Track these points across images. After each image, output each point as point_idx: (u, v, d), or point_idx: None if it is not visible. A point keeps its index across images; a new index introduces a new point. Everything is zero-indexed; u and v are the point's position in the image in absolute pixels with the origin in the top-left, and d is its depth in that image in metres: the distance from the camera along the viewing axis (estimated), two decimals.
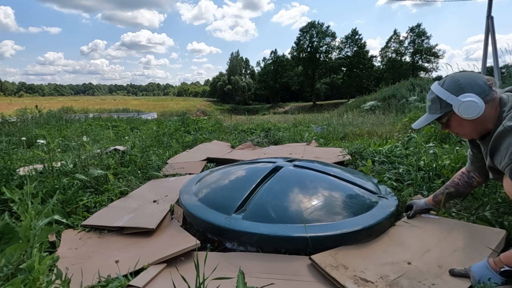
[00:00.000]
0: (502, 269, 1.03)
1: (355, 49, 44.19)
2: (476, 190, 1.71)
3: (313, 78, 45.84)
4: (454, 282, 1.06)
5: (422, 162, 2.25)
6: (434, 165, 2.17)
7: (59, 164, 2.32)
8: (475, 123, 1.15)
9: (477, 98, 1.09)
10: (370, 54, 44.84)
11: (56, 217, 1.67)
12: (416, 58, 41.80)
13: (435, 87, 1.21)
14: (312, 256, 1.22)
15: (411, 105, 8.75)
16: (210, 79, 74.14)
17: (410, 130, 4.49)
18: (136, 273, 1.24)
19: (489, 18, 8.52)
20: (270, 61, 55.00)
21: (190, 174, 2.73)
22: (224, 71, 62.67)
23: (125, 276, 1.20)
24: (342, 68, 45.01)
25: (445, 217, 1.55)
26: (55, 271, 0.96)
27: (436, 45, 40.86)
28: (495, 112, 1.12)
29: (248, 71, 66.12)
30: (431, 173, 2.11)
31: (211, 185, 1.99)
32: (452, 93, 1.14)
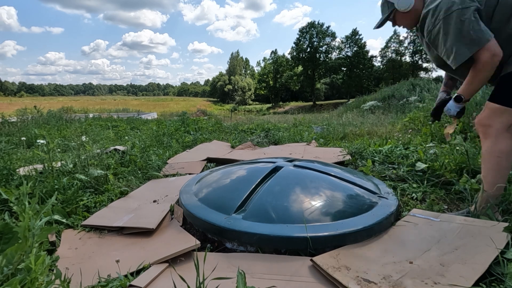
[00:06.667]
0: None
1: (355, 49, 44.12)
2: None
3: (313, 78, 45.79)
4: (457, 280, 1.06)
5: (421, 162, 2.25)
6: (433, 165, 2.16)
7: (59, 164, 2.32)
8: (410, 14, 1.60)
9: None
10: (370, 54, 44.80)
11: (56, 217, 1.67)
12: (416, 58, 41.79)
13: None
14: (314, 258, 1.21)
15: (411, 105, 8.71)
16: (210, 79, 74.26)
17: (410, 130, 4.49)
18: (136, 273, 1.24)
19: None
20: (270, 61, 55.00)
21: (190, 174, 2.73)
22: (224, 71, 62.72)
23: (125, 276, 1.20)
24: (342, 68, 44.92)
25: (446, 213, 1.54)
26: (54, 271, 0.96)
27: None
28: (423, 3, 1.55)
29: (248, 71, 66.13)
30: (430, 172, 2.11)
31: (211, 185, 1.99)
32: None
